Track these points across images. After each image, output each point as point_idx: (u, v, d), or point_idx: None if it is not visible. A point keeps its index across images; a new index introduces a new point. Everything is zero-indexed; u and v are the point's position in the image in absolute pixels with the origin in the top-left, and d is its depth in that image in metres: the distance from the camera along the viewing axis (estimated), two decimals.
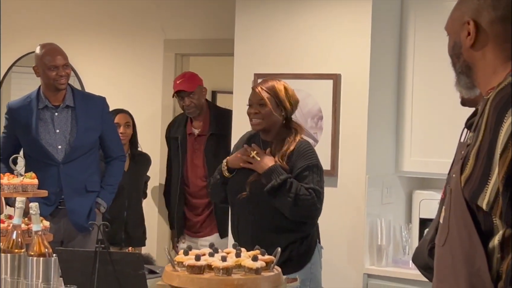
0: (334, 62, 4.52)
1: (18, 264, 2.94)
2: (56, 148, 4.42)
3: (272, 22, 4.70)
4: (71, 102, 4.49)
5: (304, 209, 3.65)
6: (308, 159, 3.70)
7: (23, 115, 4.46)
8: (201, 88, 5.18)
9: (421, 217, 4.62)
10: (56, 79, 4.41)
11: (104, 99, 4.68)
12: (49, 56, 4.43)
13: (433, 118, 4.52)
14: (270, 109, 3.72)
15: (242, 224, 3.81)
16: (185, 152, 5.17)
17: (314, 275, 3.78)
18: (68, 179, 4.42)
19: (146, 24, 5.84)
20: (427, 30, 4.50)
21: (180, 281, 2.95)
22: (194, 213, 5.20)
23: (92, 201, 4.52)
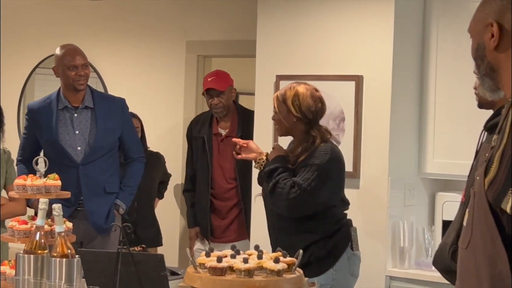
0: (356, 63, 4.51)
1: (41, 265, 2.96)
2: (76, 149, 4.42)
3: (294, 23, 4.70)
4: (90, 103, 4.49)
5: (276, 199, 3.69)
6: (315, 158, 3.68)
7: (43, 116, 4.47)
8: (231, 89, 5.10)
9: (444, 219, 4.59)
10: (75, 79, 4.41)
11: (124, 101, 4.67)
12: (68, 57, 4.43)
13: (456, 120, 4.49)
14: (279, 116, 3.76)
15: (270, 228, 3.87)
16: (211, 152, 5.08)
17: (337, 282, 3.71)
18: (87, 180, 4.42)
19: (168, 26, 5.86)
20: (450, 32, 4.47)
21: (202, 282, 2.95)
22: (218, 216, 5.09)
23: (111, 202, 4.51)
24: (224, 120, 5.10)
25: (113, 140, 4.54)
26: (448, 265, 2.56)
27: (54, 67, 4.51)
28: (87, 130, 4.44)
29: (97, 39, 6.08)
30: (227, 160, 5.03)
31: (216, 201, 5.08)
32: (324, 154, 3.68)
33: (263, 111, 4.78)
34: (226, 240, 5.01)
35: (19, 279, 2.89)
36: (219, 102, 5.02)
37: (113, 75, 6.06)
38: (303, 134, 3.76)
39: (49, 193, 3.41)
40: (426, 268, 4.39)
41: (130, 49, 6.00)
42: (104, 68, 6.08)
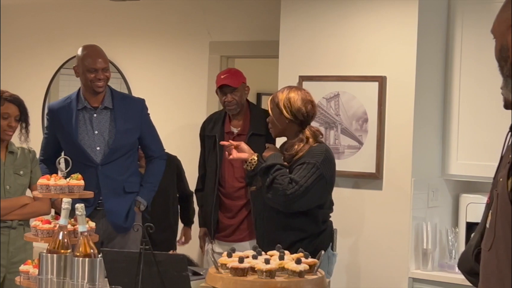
0: (379, 64, 4.49)
1: (64, 265, 2.97)
2: (95, 149, 4.44)
3: (317, 24, 4.69)
4: (109, 104, 4.50)
5: (273, 194, 3.76)
6: (311, 157, 3.81)
7: (63, 116, 4.49)
8: (244, 86, 5.08)
9: (468, 221, 4.56)
10: (94, 81, 4.41)
11: (143, 101, 4.68)
12: (89, 59, 4.44)
13: (480, 121, 4.46)
14: (272, 118, 3.92)
15: (258, 222, 3.95)
16: (222, 150, 5.01)
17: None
18: (107, 180, 4.43)
19: (192, 27, 5.87)
20: (474, 32, 4.44)
21: (224, 283, 2.95)
22: (227, 215, 5.04)
23: (131, 201, 4.52)
24: (236, 118, 5.07)
25: (132, 141, 4.55)
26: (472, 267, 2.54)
27: (74, 66, 4.52)
28: (106, 130, 4.45)
29: (120, 39, 6.10)
30: None
31: (226, 199, 5.02)
32: (320, 154, 3.81)
33: None
34: (234, 240, 4.97)
35: (42, 278, 2.90)
36: (232, 99, 4.99)
37: (137, 75, 6.09)
38: (296, 134, 3.89)
39: (72, 193, 3.43)
40: (449, 270, 4.37)
41: (154, 50, 6.02)
42: (127, 69, 6.10)
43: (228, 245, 4.85)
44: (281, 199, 3.74)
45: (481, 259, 1.98)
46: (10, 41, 6.51)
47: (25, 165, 4.40)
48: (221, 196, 5.03)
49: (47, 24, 6.43)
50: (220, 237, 5.06)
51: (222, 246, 4.94)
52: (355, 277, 4.54)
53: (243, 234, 5.00)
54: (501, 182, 1.83)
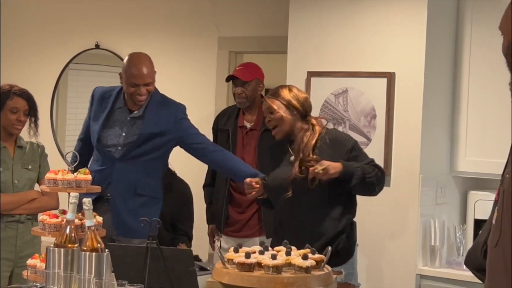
0: (388, 60, 4.48)
1: (71, 259, 2.97)
2: (116, 148, 4.32)
3: (326, 20, 4.68)
4: (142, 111, 4.33)
5: (381, 181, 3.81)
6: (347, 141, 3.83)
7: (99, 106, 4.36)
8: (258, 82, 5.05)
9: (476, 218, 4.55)
10: (134, 94, 4.26)
11: (180, 107, 4.49)
12: (134, 72, 4.24)
13: (489, 118, 4.45)
14: (280, 113, 3.84)
15: (285, 222, 3.86)
16: (235, 144, 5.02)
17: (355, 270, 3.86)
18: (120, 175, 4.29)
19: (200, 22, 5.87)
20: (483, 28, 4.43)
21: (230, 278, 2.95)
22: (237, 210, 5.01)
23: (139, 204, 4.34)
24: (250, 113, 5.07)
25: (156, 144, 4.34)
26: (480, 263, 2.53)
27: (120, 72, 4.33)
28: (134, 133, 4.29)
29: (129, 34, 6.10)
30: (250, 153, 4.99)
31: (237, 194, 4.99)
32: (344, 135, 3.90)
33: None
34: (243, 235, 4.95)
35: (49, 273, 2.91)
36: (242, 92, 4.98)
37: None
38: (303, 126, 3.87)
39: (79, 187, 3.43)
40: (457, 267, 4.36)
41: (162, 45, 6.02)
42: None
43: (236, 241, 4.85)
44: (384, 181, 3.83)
45: (487, 256, 1.98)
46: (18, 35, 6.52)
47: (34, 159, 4.41)
48: (232, 190, 5.03)
49: (56, 18, 6.44)
50: (229, 232, 5.05)
51: (230, 242, 4.93)
52: (362, 273, 4.54)
53: (253, 229, 4.99)
54: (507, 179, 1.83)
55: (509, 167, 1.87)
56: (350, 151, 3.79)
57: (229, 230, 5.05)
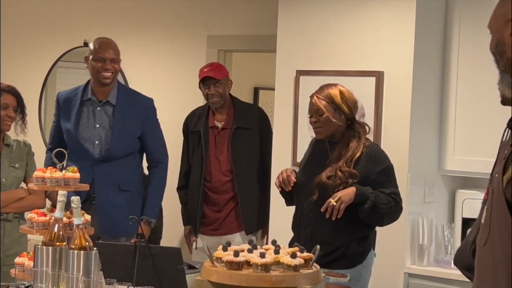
0: (377, 59, 4.49)
1: (59, 257, 2.97)
2: (93, 143, 4.42)
3: (315, 18, 4.68)
4: (113, 99, 4.47)
5: (394, 215, 3.76)
6: (382, 162, 3.74)
7: (68, 106, 4.48)
8: (227, 80, 5.07)
9: (464, 217, 4.56)
10: (100, 71, 4.39)
11: (150, 101, 4.62)
12: (99, 48, 4.43)
13: (477, 117, 4.46)
14: (328, 117, 3.73)
15: (303, 221, 3.82)
16: (207, 145, 5.01)
17: (363, 277, 3.79)
18: (102, 174, 4.38)
19: (189, 20, 5.86)
20: (472, 28, 4.44)
21: (219, 276, 2.95)
22: (213, 209, 5.01)
23: (125, 200, 4.43)
24: (220, 113, 5.06)
25: (131, 139, 4.49)
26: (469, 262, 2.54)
27: (86, 56, 4.50)
28: (107, 125, 4.43)
29: (117, 33, 6.08)
30: (223, 152, 4.99)
31: (213, 194, 5.01)
32: (383, 155, 3.79)
33: (283, 106, 4.78)
34: (222, 233, 4.96)
35: (37, 271, 2.90)
36: (215, 92, 4.97)
37: (134, 69, 6.08)
38: (347, 130, 3.78)
39: (68, 186, 3.42)
40: (445, 265, 4.37)
41: (151, 44, 6.01)
42: (125, 62, 6.03)
43: (216, 239, 4.86)
44: (399, 212, 3.77)
45: (476, 255, 1.99)
46: (6, 33, 6.49)
47: (21, 157, 4.39)
48: (207, 190, 5.02)
49: (44, 16, 6.42)
50: (207, 231, 5.05)
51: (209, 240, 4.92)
52: None
53: (231, 226, 5.01)
54: (496, 178, 1.83)
55: (498, 166, 1.87)
56: (380, 173, 3.71)
57: (207, 229, 5.04)
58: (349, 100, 3.77)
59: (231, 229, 5.00)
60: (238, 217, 4.98)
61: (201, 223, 5.03)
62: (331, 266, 3.69)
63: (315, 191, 3.74)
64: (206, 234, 5.04)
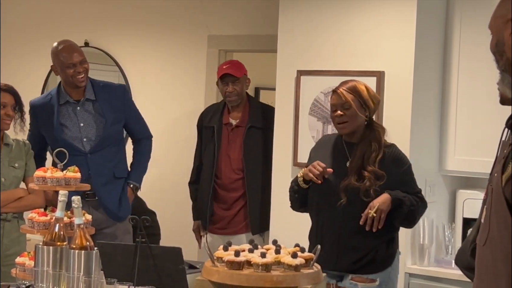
0: (378, 59, 4.49)
1: (60, 257, 2.97)
2: (82, 140, 4.47)
3: (316, 18, 4.68)
4: (91, 95, 4.52)
5: (421, 214, 3.75)
6: (404, 162, 3.71)
7: (44, 113, 4.52)
8: (245, 78, 5.07)
9: (465, 217, 4.56)
10: (74, 75, 4.42)
11: (124, 87, 4.74)
12: (65, 54, 4.44)
13: (478, 117, 4.46)
14: (355, 111, 3.64)
15: (327, 226, 3.71)
16: (220, 141, 5.01)
17: (391, 279, 3.72)
18: (97, 167, 4.46)
19: (190, 20, 5.87)
20: (472, 28, 4.44)
21: (219, 276, 2.95)
22: (222, 207, 5.01)
23: (121, 186, 4.56)
24: (236, 110, 5.06)
25: (120, 129, 4.62)
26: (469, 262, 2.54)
27: (52, 65, 4.53)
28: (92, 121, 4.48)
29: (119, 32, 6.09)
30: (236, 150, 4.98)
31: (222, 191, 5.00)
32: (403, 156, 3.74)
33: (283, 106, 4.78)
34: (229, 232, 4.95)
35: (38, 271, 2.90)
36: (233, 89, 4.97)
37: (135, 69, 6.08)
38: (367, 128, 3.70)
39: (68, 185, 3.43)
40: (445, 265, 4.37)
41: (152, 43, 6.02)
42: (126, 62, 6.09)
43: (222, 238, 4.86)
44: (424, 210, 3.75)
45: (476, 254, 1.99)
46: (7, 33, 6.49)
47: (20, 157, 4.39)
48: (217, 187, 5.02)
49: (45, 16, 6.42)
50: (215, 230, 5.04)
51: (216, 239, 4.93)
52: None
53: (239, 226, 4.99)
54: (496, 177, 1.83)
55: (497, 165, 1.88)
56: (404, 173, 3.67)
57: (214, 227, 5.04)
58: (374, 97, 3.71)
59: (238, 228, 4.98)
60: (246, 217, 4.96)
61: (210, 221, 5.03)
62: (361, 272, 3.64)
63: (342, 195, 3.62)
64: (213, 233, 5.04)
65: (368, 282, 3.62)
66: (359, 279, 3.63)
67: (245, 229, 4.97)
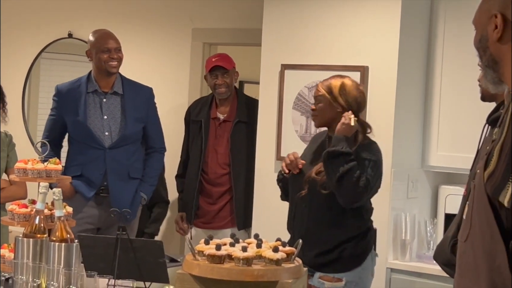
0: (362, 54, 4.49)
1: (40, 249, 2.96)
2: (103, 134, 4.49)
3: (300, 12, 4.67)
4: (120, 89, 4.55)
5: (347, 185, 3.56)
6: (371, 154, 3.67)
7: (72, 99, 4.52)
8: (234, 71, 5.05)
9: (447, 212, 4.57)
10: (108, 61, 4.48)
11: (151, 90, 4.74)
12: (102, 40, 4.52)
13: (460, 113, 4.48)
14: (323, 106, 3.71)
15: (298, 218, 3.76)
16: (207, 136, 5.01)
17: (362, 280, 3.70)
18: (114, 163, 4.49)
19: (174, 13, 5.84)
20: (457, 24, 4.45)
21: (200, 270, 2.94)
22: (208, 201, 5.00)
23: (134, 187, 4.56)
24: (223, 104, 5.04)
25: (140, 129, 4.61)
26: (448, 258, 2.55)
27: (87, 50, 4.57)
28: (116, 116, 4.51)
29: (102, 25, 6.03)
30: (223, 144, 4.97)
31: (208, 185, 4.99)
32: (377, 152, 3.72)
33: (267, 100, 4.77)
34: (214, 227, 4.94)
35: (17, 263, 2.89)
36: (223, 82, 4.95)
37: None
38: None
39: (49, 177, 3.41)
40: (427, 261, 4.38)
41: (136, 36, 5.98)
42: None
43: (207, 232, 4.84)
44: (351, 193, 3.57)
45: (457, 250, 1.99)
46: None
47: (2, 148, 4.37)
48: (203, 181, 5.01)
49: (29, 7, 6.38)
50: (200, 224, 5.03)
51: (200, 233, 4.91)
52: None
53: (224, 221, 4.98)
54: (478, 174, 1.83)
55: (480, 162, 1.88)
56: (364, 159, 3.63)
57: (199, 221, 5.03)
58: (348, 95, 3.69)
59: (224, 223, 4.97)
60: (232, 212, 4.95)
61: (195, 214, 5.02)
62: (327, 269, 3.64)
63: (305, 186, 3.69)
64: (198, 227, 5.03)
65: (334, 281, 3.60)
66: (326, 278, 3.64)
67: (230, 224, 4.96)
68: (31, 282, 2.80)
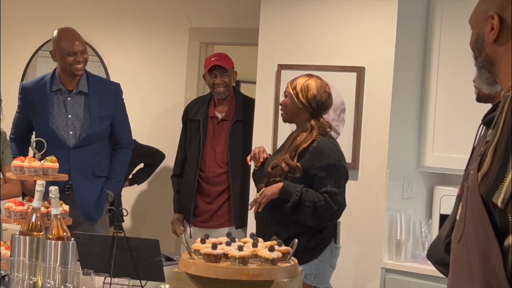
0: (358, 55, 4.50)
1: (37, 247, 2.96)
2: (67, 133, 4.43)
3: (297, 13, 4.68)
4: (85, 88, 4.48)
5: (322, 215, 3.72)
6: (326, 158, 3.74)
7: (36, 97, 4.48)
8: (233, 71, 5.06)
9: (442, 213, 4.59)
10: (73, 64, 4.41)
11: (118, 86, 4.68)
12: (67, 41, 4.43)
13: (456, 114, 4.49)
14: (288, 101, 3.86)
15: (259, 215, 3.88)
16: (205, 135, 5.01)
17: (320, 272, 3.80)
18: (78, 162, 4.44)
19: (172, 12, 5.85)
20: (453, 26, 4.46)
21: (196, 269, 2.95)
22: (205, 200, 5.00)
23: (100, 186, 4.52)
24: (222, 104, 5.05)
25: (106, 127, 4.56)
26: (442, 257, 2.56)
27: (51, 51, 4.50)
28: (80, 115, 4.45)
29: (100, 24, 6.06)
30: (221, 144, 4.97)
31: (206, 185, 4.99)
32: (330, 151, 3.76)
33: (264, 100, 4.78)
34: (212, 226, 4.94)
35: (14, 260, 2.89)
36: (222, 81, 4.96)
37: (115, 60, 6.05)
38: (305, 123, 3.83)
39: (46, 175, 3.41)
40: (422, 261, 4.39)
41: (133, 35, 5.99)
42: (106, 53, 6.07)
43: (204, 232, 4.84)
44: (331, 213, 3.71)
45: (451, 251, 2.00)
46: None
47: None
48: (201, 180, 5.01)
49: (26, 6, 6.38)
50: (197, 223, 5.03)
51: (198, 233, 4.92)
52: None
53: (221, 220, 4.98)
54: (472, 175, 1.84)
55: (473, 163, 1.89)
56: (320, 169, 3.72)
57: (197, 220, 5.03)
58: (309, 94, 3.81)
59: (221, 222, 4.97)
60: (230, 211, 4.95)
61: (193, 214, 5.02)
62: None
63: (264, 179, 3.83)
64: (196, 226, 5.03)
65: None
66: None
67: (227, 223, 4.96)
68: (27, 279, 2.80)
